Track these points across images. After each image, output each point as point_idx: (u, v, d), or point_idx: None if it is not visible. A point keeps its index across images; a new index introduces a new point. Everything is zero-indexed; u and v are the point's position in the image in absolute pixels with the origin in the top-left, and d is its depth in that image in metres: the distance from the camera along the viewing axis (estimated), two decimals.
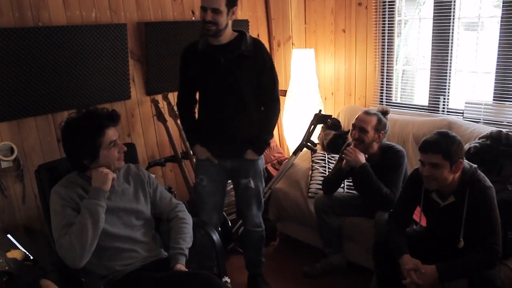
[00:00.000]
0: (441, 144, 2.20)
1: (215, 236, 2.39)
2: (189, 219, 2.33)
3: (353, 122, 2.94)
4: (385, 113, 2.95)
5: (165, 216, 2.36)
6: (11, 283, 1.75)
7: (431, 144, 2.24)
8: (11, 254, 2.00)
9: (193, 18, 3.62)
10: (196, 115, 2.82)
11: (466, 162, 2.32)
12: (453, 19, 3.41)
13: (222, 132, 2.69)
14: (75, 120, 2.05)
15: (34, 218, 2.99)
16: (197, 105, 2.80)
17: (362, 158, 2.88)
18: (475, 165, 2.34)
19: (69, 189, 2.03)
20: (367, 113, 2.91)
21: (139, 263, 2.14)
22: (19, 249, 2.09)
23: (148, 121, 3.52)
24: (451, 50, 3.48)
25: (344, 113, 4.02)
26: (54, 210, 2.00)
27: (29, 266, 1.92)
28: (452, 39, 3.45)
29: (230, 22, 2.52)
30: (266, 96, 2.73)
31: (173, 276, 2.05)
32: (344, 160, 2.95)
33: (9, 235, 2.29)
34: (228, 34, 2.56)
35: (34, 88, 2.85)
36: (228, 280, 2.29)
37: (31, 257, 2.00)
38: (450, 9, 3.39)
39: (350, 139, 3.13)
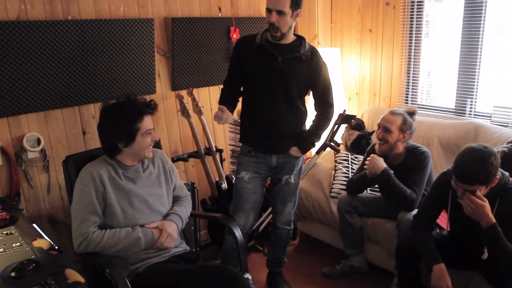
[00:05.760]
0: (479, 175, 2.11)
1: (237, 232, 2.41)
2: (189, 197, 2.49)
3: (378, 121, 2.92)
4: (412, 113, 2.92)
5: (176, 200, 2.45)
6: (37, 271, 1.77)
7: (469, 176, 2.13)
8: (37, 243, 2.02)
9: (219, 14, 3.62)
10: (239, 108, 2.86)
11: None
12: (484, 20, 3.34)
13: (269, 128, 2.71)
14: (116, 104, 2.14)
15: (58, 208, 3.03)
16: (242, 99, 2.83)
17: (381, 163, 2.85)
18: (507, 173, 2.28)
19: (100, 166, 2.13)
20: (392, 113, 2.90)
21: (166, 254, 2.16)
22: (44, 238, 2.11)
23: (172, 116, 3.53)
24: (481, 52, 3.41)
25: (368, 113, 3.98)
26: (81, 191, 2.07)
27: (54, 256, 1.93)
28: (482, 41, 3.39)
29: (293, 24, 2.57)
30: (321, 101, 2.79)
31: (197, 269, 2.07)
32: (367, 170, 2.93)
33: (34, 224, 2.32)
34: (290, 37, 2.62)
35: (61, 80, 2.89)
36: (250, 277, 2.29)
37: (56, 247, 2.02)
38: (481, 10, 3.33)
39: (374, 139, 3.11)
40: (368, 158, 2.94)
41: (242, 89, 2.81)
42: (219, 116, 2.61)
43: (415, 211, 2.74)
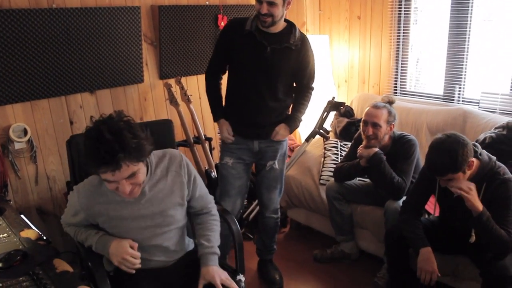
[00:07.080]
0: (447, 166, 2.15)
1: (235, 226, 2.21)
2: (218, 216, 2.14)
3: (363, 118, 2.89)
4: (391, 103, 2.91)
5: (196, 211, 2.13)
6: (25, 261, 1.76)
7: (439, 170, 2.20)
8: (25, 234, 2.01)
9: (207, 2, 3.59)
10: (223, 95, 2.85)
11: (485, 154, 2.28)
12: (472, 7, 3.35)
13: (252, 116, 2.69)
14: (87, 133, 1.68)
15: (46, 199, 3.01)
16: (227, 84, 2.79)
17: (374, 148, 2.86)
18: (495, 157, 2.29)
19: (92, 198, 1.87)
20: (376, 107, 2.85)
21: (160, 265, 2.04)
22: (32, 229, 2.09)
23: (160, 105, 3.51)
24: (469, 39, 3.42)
25: (357, 101, 3.98)
26: (71, 206, 1.94)
27: (42, 246, 1.92)
28: (470, 28, 3.39)
29: (285, 13, 2.52)
30: (304, 86, 2.78)
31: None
32: (363, 158, 2.92)
33: (22, 215, 2.29)
34: (280, 25, 2.57)
35: (47, 69, 2.85)
36: (243, 279, 2.13)
37: (44, 237, 2.00)
38: None
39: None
40: (359, 148, 2.93)
41: (227, 73, 2.78)
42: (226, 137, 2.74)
43: (402, 199, 2.75)
